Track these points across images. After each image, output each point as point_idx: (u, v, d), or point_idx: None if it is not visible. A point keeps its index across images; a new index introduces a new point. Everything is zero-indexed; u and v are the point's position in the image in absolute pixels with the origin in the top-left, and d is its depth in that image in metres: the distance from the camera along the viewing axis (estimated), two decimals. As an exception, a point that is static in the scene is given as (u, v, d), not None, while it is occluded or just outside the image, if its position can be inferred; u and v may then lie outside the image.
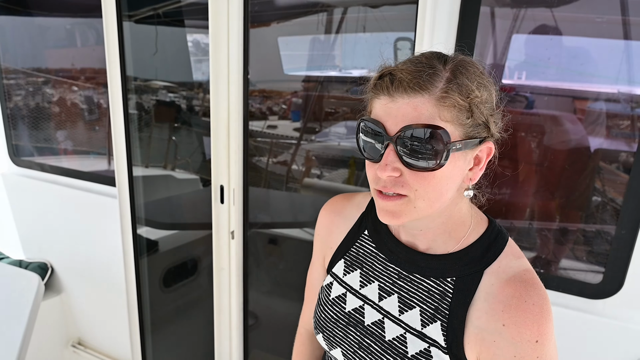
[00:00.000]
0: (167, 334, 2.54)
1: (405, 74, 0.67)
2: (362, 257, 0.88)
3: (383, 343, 0.81)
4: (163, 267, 2.58)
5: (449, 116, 0.67)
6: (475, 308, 0.73)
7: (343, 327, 0.86)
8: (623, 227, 1.18)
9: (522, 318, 0.69)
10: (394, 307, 0.81)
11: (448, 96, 0.66)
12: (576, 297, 1.29)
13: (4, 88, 2.53)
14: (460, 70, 0.68)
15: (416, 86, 0.66)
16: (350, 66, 3.58)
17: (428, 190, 0.69)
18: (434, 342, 0.76)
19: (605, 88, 1.44)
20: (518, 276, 0.73)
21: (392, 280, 0.83)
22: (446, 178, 0.70)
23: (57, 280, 2.62)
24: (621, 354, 1.25)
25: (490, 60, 1.61)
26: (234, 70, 1.69)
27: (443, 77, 0.67)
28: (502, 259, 0.76)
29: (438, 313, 0.76)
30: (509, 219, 1.56)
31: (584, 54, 1.47)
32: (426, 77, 0.66)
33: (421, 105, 0.66)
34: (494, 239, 0.78)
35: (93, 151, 2.67)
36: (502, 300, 0.71)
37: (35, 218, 2.61)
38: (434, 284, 0.78)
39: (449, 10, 1.25)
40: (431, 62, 0.69)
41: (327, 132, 3.78)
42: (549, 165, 1.50)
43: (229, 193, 1.82)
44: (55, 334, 2.63)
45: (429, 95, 0.66)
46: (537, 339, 0.69)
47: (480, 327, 0.72)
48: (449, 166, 0.69)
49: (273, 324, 2.59)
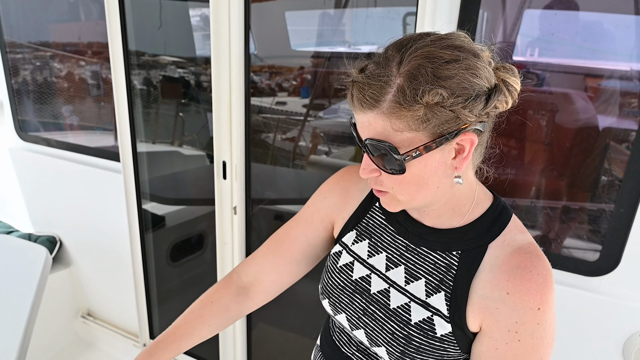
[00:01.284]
0: (174, 306, 2.59)
1: (356, 91, 0.69)
2: (371, 228, 0.91)
3: (387, 310, 0.84)
4: (170, 241, 2.62)
5: (402, 125, 0.67)
6: (479, 279, 0.77)
7: (349, 294, 0.89)
8: (621, 205, 1.18)
9: (526, 287, 0.72)
10: (401, 277, 0.84)
11: (396, 107, 0.66)
12: (573, 274, 1.30)
13: (9, 63, 2.53)
14: (415, 71, 0.65)
15: (364, 104, 0.68)
16: (360, 42, 3.53)
17: (403, 188, 0.73)
18: (437, 311, 0.79)
19: (617, 65, 1.41)
20: (523, 248, 0.76)
21: (399, 252, 0.86)
22: (419, 176, 0.72)
23: (65, 253, 2.68)
24: (615, 330, 1.26)
25: (500, 36, 1.58)
26: (235, 45, 1.68)
27: (393, 86, 0.66)
28: (506, 233, 0.79)
29: (442, 284, 0.79)
30: (513, 197, 1.55)
31: (597, 29, 1.43)
32: (372, 93, 0.67)
33: (373, 121, 0.69)
34: (498, 215, 0.81)
35: (99, 127, 2.68)
36: (507, 270, 0.74)
37: (43, 192, 2.66)
38: (439, 257, 0.81)
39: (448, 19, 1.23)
40: (386, 68, 0.67)
41: (335, 109, 3.76)
42: (555, 143, 1.49)
43: (231, 169, 1.83)
44: (65, 305, 2.70)
45: (378, 110, 0.67)
46: (540, 306, 0.72)
47: (484, 296, 0.75)
48: (418, 166, 0.70)
49: (277, 298, 2.63)
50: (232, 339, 2.13)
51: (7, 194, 2.79)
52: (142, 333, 2.43)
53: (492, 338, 0.75)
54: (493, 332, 0.75)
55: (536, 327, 0.72)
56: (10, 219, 2.84)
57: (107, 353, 2.63)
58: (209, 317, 0.99)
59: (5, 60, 2.52)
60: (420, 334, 0.79)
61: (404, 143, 0.68)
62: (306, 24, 3.78)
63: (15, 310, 1.56)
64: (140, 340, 2.45)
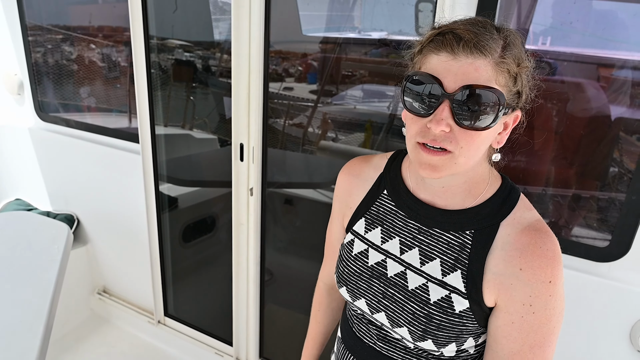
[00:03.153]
0: (185, 284, 2.66)
1: (470, 35, 0.69)
2: (382, 215, 0.93)
3: (406, 292, 0.86)
4: (182, 222, 2.68)
5: (502, 81, 0.71)
6: (493, 256, 0.80)
7: (367, 279, 0.92)
8: (634, 192, 1.21)
9: (537, 262, 0.76)
10: (415, 259, 0.87)
11: (505, 62, 0.71)
12: (583, 260, 1.34)
13: (29, 45, 2.57)
14: (511, 40, 0.73)
15: (481, 48, 0.69)
16: (370, 28, 3.53)
17: (472, 147, 0.74)
18: (455, 289, 0.82)
19: (630, 55, 1.42)
20: (532, 226, 0.79)
21: (412, 235, 0.88)
22: (487, 138, 0.76)
23: (83, 232, 2.75)
24: (623, 314, 1.30)
25: (514, 24, 1.60)
26: (255, 31, 1.70)
27: (499, 44, 0.71)
28: (516, 211, 0.82)
29: (458, 263, 0.82)
30: (525, 185, 1.58)
31: (611, 19, 1.44)
32: (485, 41, 0.69)
33: (482, 67, 0.70)
34: (508, 194, 0.84)
35: (115, 108, 2.73)
36: (519, 247, 0.78)
37: (61, 172, 2.71)
38: (453, 237, 0.84)
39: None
40: (488, 28, 0.72)
41: (344, 95, 3.77)
42: (567, 132, 1.51)
43: (248, 151, 1.87)
44: (82, 282, 2.78)
45: (490, 58, 0.70)
46: (550, 279, 0.76)
47: (498, 272, 0.79)
48: (496, 127, 0.75)
49: (287, 281, 2.69)
50: (245, 319, 2.19)
51: (27, 174, 2.85)
52: (157, 310, 2.51)
53: (508, 312, 0.79)
54: (508, 306, 0.79)
55: (548, 299, 0.76)
56: (29, 198, 2.90)
57: (122, 329, 2.71)
58: (323, 319, 1.24)
59: (26, 43, 2.55)
60: (440, 312, 0.82)
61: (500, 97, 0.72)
62: (318, 9, 3.78)
63: (41, 284, 1.62)
64: (155, 317, 2.53)
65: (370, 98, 3.59)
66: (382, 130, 3.17)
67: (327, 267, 1.17)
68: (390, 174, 0.94)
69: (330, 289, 1.20)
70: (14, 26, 2.55)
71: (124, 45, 2.52)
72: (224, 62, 3.22)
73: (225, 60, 3.23)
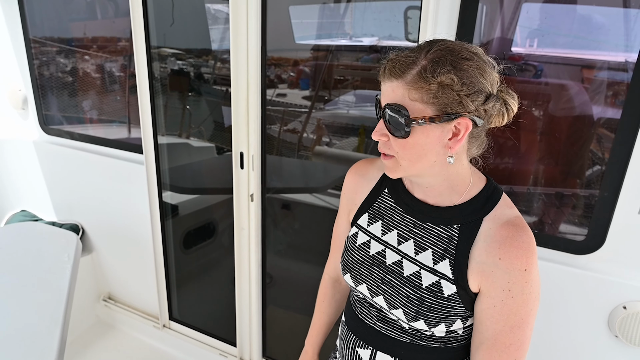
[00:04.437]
0: (188, 289, 2.74)
1: (391, 63, 0.86)
2: (383, 210, 1.06)
3: (402, 278, 0.99)
4: (183, 229, 2.77)
5: (417, 96, 0.83)
6: (476, 247, 0.92)
7: (368, 267, 1.05)
8: (606, 189, 1.32)
9: (514, 252, 0.87)
10: (411, 249, 0.99)
11: (416, 80, 0.83)
12: (563, 253, 1.44)
13: (33, 60, 2.66)
14: (438, 58, 0.82)
15: (392, 74, 0.85)
16: (361, 34, 3.63)
17: (406, 153, 0.88)
18: (444, 275, 0.94)
19: (612, 56, 1.50)
20: (510, 221, 0.91)
21: (408, 229, 1.01)
22: (420, 145, 0.87)
23: (87, 241, 2.82)
24: (602, 303, 1.40)
25: (498, 29, 1.69)
26: (252, 42, 1.80)
27: (419, 65, 0.83)
28: (497, 208, 0.94)
29: (447, 253, 0.94)
30: (510, 184, 1.67)
31: (593, 21, 1.53)
32: (400, 67, 0.84)
33: (396, 88, 0.85)
34: (491, 193, 0.96)
35: (115, 120, 2.81)
36: (498, 239, 0.89)
37: (65, 183, 2.79)
38: (443, 230, 0.96)
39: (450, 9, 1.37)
40: (416, 53, 0.85)
41: (337, 101, 3.87)
42: (550, 133, 1.60)
43: (248, 159, 1.97)
44: (87, 290, 2.85)
45: (402, 80, 0.84)
46: (526, 267, 0.87)
47: (481, 261, 0.91)
48: (421, 135, 0.86)
49: (286, 283, 2.78)
50: (248, 319, 2.28)
51: (32, 185, 2.92)
52: (162, 314, 2.59)
53: (490, 297, 0.91)
54: (490, 292, 0.90)
55: (525, 284, 0.87)
56: (35, 209, 2.98)
57: (127, 334, 2.79)
58: (327, 309, 1.34)
59: (30, 58, 2.64)
60: (430, 295, 0.94)
61: (414, 111, 0.84)
62: (309, 17, 3.88)
63: (56, 290, 1.70)
64: (160, 322, 2.61)
65: (363, 103, 3.69)
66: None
67: (333, 260, 1.30)
68: None
69: (335, 282, 1.32)
70: (18, 42, 2.63)
71: (123, 58, 2.62)
72: (219, 70, 3.31)
73: (219, 68, 3.33)
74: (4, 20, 2.61)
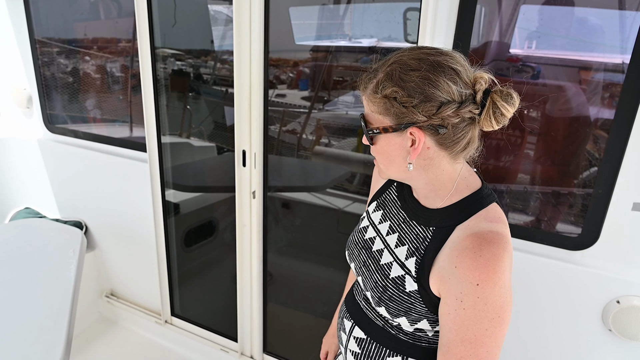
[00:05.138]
0: (188, 286, 2.78)
1: (362, 78, 0.95)
2: (387, 202, 1.13)
3: (377, 265, 1.05)
4: (185, 227, 2.80)
5: (375, 108, 0.92)
6: (442, 253, 0.93)
7: (359, 249, 1.13)
8: (600, 186, 1.35)
9: (468, 264, 0.85)
10: (393, 242, 1.04)
11: (371, 95, 0.91)
12: (559, 249, 1.48)
13: (38, 60, 2.69)
14: (391, 71, 0.88)
15: (360, 87, 0.95)
16: (360, 35, 3.66)
17: (379, 158, 0.97)
18: (409, 271, 0.97)
19: (608, 58, 1.52)
20: (479, 234, 0.88)
21: (398, 222, 1.06)
22: (386, 151, 0.94)
23: (90, 238, 2.86)
24: (596, 297, 1.44)
25: (497, 30, 1.73)
26: (255, 42, 1.84)
27: (377, 79, 0.90)
28: (473, 219, 0.92)
29: (417, 251, 0.98)
30: (507, 183, 1.71)
31: (590, 23, 1.56)
32: (364, 81, 0.93)
33: (365, 100, 0.95)
34: (473, 203, 0.95)
35: (117, 119, 2.85)
36: (459, 248, 0.88)
37: (69, 181, 2.83)
38: (421, 230, 1.00)
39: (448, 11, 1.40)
40: (380, 66, 0.91)
41: (337, 101, 3.90)
42: (547, 134, 1.64)
43: (250, 157, 2.01)
44: (90, 286, 2.88)
45: (365, 93, 0.93)
46: (478, 282, 0.83)
47: (442, 267, 0.91)
48: (383, 143, 0.94)
49: (286, 281, 2.82)
50: (249, 315, 2.32)
51: (36, 183, 2.96)
52: (164, 310, 2.62)
53: (446, 304, 0.90)
54: (446, 298, 0.91)
55: (477, 300, 0.84)
56: (38, 206, 3.01)
57: (130, 330, 2.82)
58: None
59: (35, 57, 2.67)
60: (393, 287, 0.98)
61: (374, 121, 0.93)
62: (309, 18, 3.92)
63: (62, 284, 1.74)
64: (162, 317, 2.64)
65: (362, 104, 3.70)
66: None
67: None
68: None
69: None
70: (23, 42, 2.67)
71: (125, 58, 2.65)
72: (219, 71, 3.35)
73: (219, 68, 3.36)
74: (9, 20, 2.64)
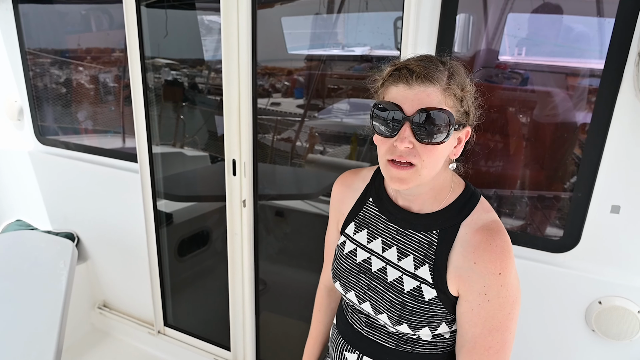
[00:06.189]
0: (182, 295, 2.78)
1: (420, 68, 0.86)
2: (368, 219, 1.10)
3: (386, 284, 1.02)
4: (178, 237, 2.81)
5: (450, 103, 0.88)
6: (454, 252, 0.95)
7: (355, 274, 1.08)
8: (579, 190, 1.38)
9: (487, 256, 0.90)
10: (394, 256, 1.02)
11: (450, 88, 0.87)
12: (542, 252, 1.51)
13: (29, 72, 2.71)
14: (455, 70, 0.90)
15: (430, 78, 0.86)
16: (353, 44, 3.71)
17: (431, 160, 0.89)
18: (424, 280, 0.97)
19: (593, 64, 1.55)
20: (485, 226, 0.94)
21: (392, 236, 1.04)
22: (443, 151, 0.91)
23: (82, 249, 2.86)
24: (579, 298, 1.46)
25: (484, 39, 1.77)
26: (243, 53, 1.86)
27: (445, 74, 0.87)
28: (474, 213, 0.97)
29: (427, 258, 0.97)
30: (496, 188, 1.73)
31: (576, 31, 1.60)
32: (433, 72, 0.86)
33: (433, 93, 0.86)
34: (468, 199, 0.99)
35: (110, 130, 2.86)
36: (473, 244, 0.92)
37: (60, 192, 2.83)
38: (423, 236, 0.99)
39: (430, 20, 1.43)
40: (435, 62, 0.89)
41: (331, 109, 3.94)
42: (532, 138, 1.67)
43: (240, 166, 2.03)
44: (82, 298, 2.88)
45: (439, 85, 0.86)
46: (500, 271, 0.89)
47: (458, 266, 0.93)
48: (450, 141, 0.90)
49: (280, 290, 2.83)
50: (242, 323, 2.32)
51: (27, 195, 2.96)
52: (157, 320, 2.62)
53: (468, 301, 0.93)
54: (468, 295, 0.93)
55: (500, 288, 0.89)
56: (30, 218, 3.01)
57: (123, 341, 2.81)
58: (324, 318, 1.37)
59: (26, 69, 2.69)
60: (412, 300, 0.97)
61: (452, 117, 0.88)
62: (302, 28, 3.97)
63: (52, 296, 1.75)
64: (155, 328, 2.64)
65: (356, 111, 3.75)
66: (367, 142, 3.33)
67: (327, 270, 1.33)
68: (375, 184, 1.12)
69: (330, 291, 1.34)
70: (14, 53, 2.69)
71: (117, 69, 2.68)
72: (211, 80, 3.38)
73: (213, 78, 3.39)
74: (0, 32, 2.67)
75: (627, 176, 1.33)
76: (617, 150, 1.32)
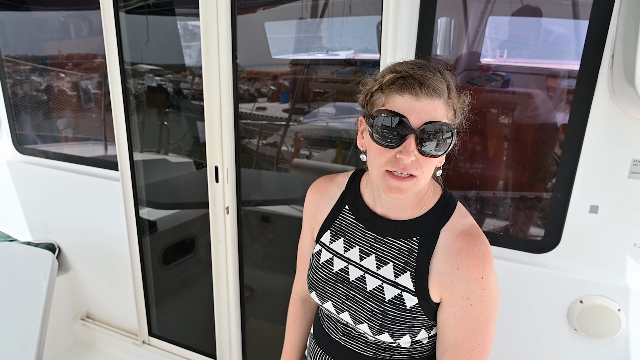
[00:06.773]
0: (167, 304, 2.74)
1: (430, 81, 0.84)
2: (344, 227, 1.08)
3: (365, 293, 1.00)
4: (162, 245, 2.77)
5: (450, 116, 0.89)
6: (435, 258, 0.94)
7: (332, 284, 1.06)
8: (558, 191, 1.40)
9: (470, 261, 0.90)
10: (373, 264, 1.01)
11: (451, 100, 0.88)
12: (523, 253, 1.52)
13: (6, 80, 2.66)
14: (449, 82, 0.89)
15: (438, 91, 0.85)
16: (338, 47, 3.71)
17: (429, 171, 0.90)
18: (405, 288, 0.96)
19: (571, 65, 1.59)
20: (465, 231, 0.94)
21: (370, 244, 1.03)
22: (438, 162, 0.92)
23: (64, 259, 2.81)
24: (561, 298, 1.48)
25: (466, 42, 1.78)
26: (223, 58, 1.85)
27: (444, 85, 0.87)
28: (453, 219, 0.97)
29: (407, 265, 0.96)
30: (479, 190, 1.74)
31: (554, 33, 1.62)
32: (437, 84, 0.85)
33: (438, 107, 0.85)
34: (446, 204, 0.99)
35: (91, 138, 2.82)
36: (455, 250, 0.92)
37: (40, 202, 2.78)
38: (403, 243, 0.98)
39: (409, 23, 1.43)
40: (434, 72, 0.87)
41: (315, 113, 3.93)
42: (514, 139, 1.68)
43: (223, 173, 2.01)
44: (65, 309, 2.82)
45: (443, 99, 0.86)
46: (482, 275, 0.90)
47: (440, 272, 0.93)
48: None
49: (267, 296, 2.80)
50: (227, 330, 2.30)
51: (6, 206, 2.90)
52: (142, 330, 2.58)
53: (451, 306, 0.93)
54: (450, 301, 0.93)
55: (482, 292, 0.90)
56: (9, 230, 2.95)
57: (107, 352, 2.76)
58: (299, 330, 1.32)
59: (2, 78, 2.64)
60: (393, 308, 0.96)
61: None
62: (285, 33, 3.97)
63: (31, 309, 1.71)
64: (139, 338, 2.60)
65: (341, 115, 3.76)
66: (351, 146, 3.34)
67: (300, 279, 1.29)
68: (351, 192, 1.10)
69: (304, 301, 1.31)
70: (-10, 63, 2.64)
71: (98, 75, 2.64)
72: (195, 85, 3.35)
73: (197, 83, 3.36)
74: (-24, 41, 2.62)
75: (604, 176, 1.34)
76: (594, 151, 1.34)
